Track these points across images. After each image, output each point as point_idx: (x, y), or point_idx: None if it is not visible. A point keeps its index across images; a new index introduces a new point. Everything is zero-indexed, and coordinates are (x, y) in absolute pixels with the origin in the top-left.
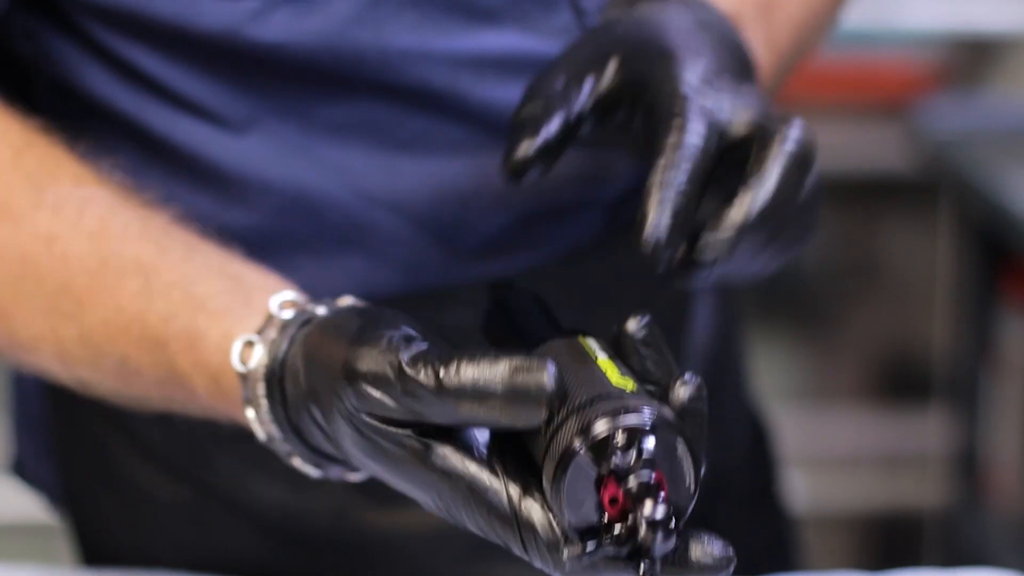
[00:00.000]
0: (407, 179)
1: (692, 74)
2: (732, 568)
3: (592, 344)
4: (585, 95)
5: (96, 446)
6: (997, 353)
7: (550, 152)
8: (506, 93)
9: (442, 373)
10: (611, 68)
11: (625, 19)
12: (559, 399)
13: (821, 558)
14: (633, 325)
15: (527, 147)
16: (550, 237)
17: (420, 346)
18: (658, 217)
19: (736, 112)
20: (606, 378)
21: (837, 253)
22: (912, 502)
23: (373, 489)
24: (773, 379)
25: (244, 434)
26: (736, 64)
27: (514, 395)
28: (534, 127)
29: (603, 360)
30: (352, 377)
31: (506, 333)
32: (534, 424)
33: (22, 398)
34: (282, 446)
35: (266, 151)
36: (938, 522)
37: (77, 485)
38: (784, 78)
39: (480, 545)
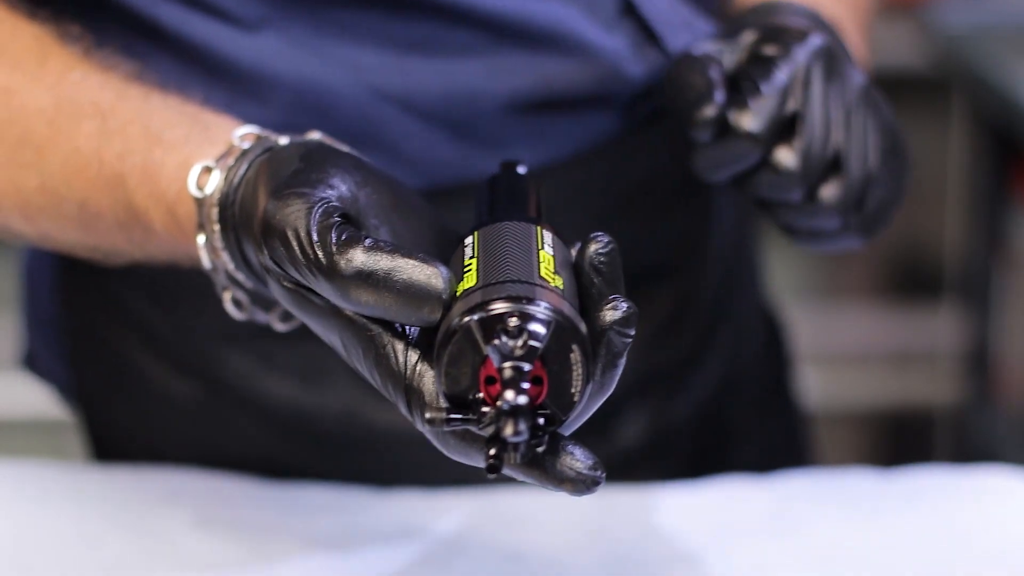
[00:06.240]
0: (418, 77)
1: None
2: (594, 490)
3: (546, 236)
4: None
5: (107, 343)
6: (1009, 250)
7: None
8: (514, 1)
9: (335, 255)
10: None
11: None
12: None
13: (833, 455)
14: (594, 246)
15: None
16: (563, 134)
17: (332, 219)
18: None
19: None
20: (536, 267)
21: None
22: (923, 399)
23: None
24: (785, 277)
25: (255, 331)
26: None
27: (406, 293)
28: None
29: (545, 253)
30: (267, 232)
31: (483, 206)
32: (425, 324)
33: (33, 295)
34: (223, 277)
35: (278, 48)
36: (949, 419)
37: (88, 382)
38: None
39: None
